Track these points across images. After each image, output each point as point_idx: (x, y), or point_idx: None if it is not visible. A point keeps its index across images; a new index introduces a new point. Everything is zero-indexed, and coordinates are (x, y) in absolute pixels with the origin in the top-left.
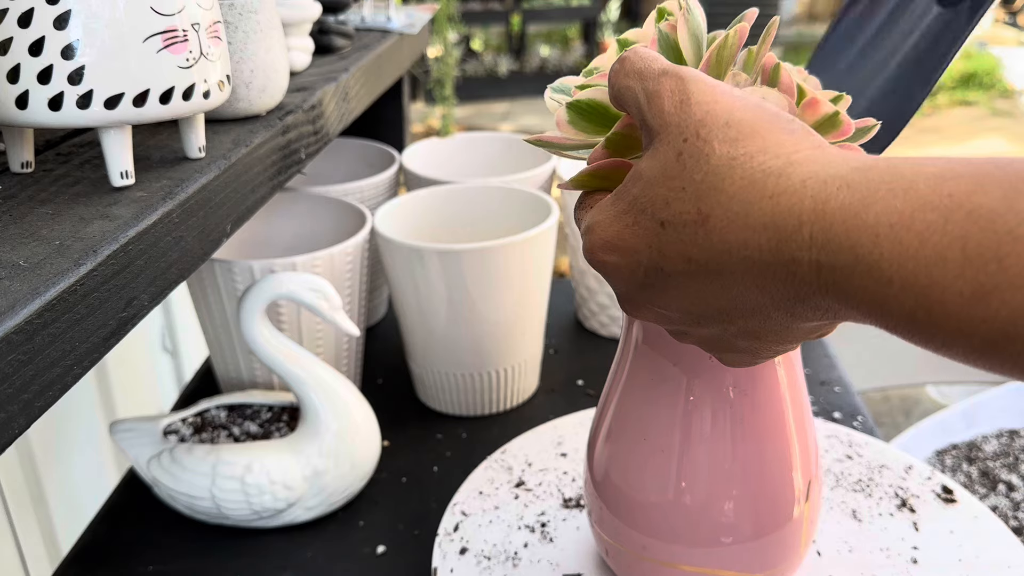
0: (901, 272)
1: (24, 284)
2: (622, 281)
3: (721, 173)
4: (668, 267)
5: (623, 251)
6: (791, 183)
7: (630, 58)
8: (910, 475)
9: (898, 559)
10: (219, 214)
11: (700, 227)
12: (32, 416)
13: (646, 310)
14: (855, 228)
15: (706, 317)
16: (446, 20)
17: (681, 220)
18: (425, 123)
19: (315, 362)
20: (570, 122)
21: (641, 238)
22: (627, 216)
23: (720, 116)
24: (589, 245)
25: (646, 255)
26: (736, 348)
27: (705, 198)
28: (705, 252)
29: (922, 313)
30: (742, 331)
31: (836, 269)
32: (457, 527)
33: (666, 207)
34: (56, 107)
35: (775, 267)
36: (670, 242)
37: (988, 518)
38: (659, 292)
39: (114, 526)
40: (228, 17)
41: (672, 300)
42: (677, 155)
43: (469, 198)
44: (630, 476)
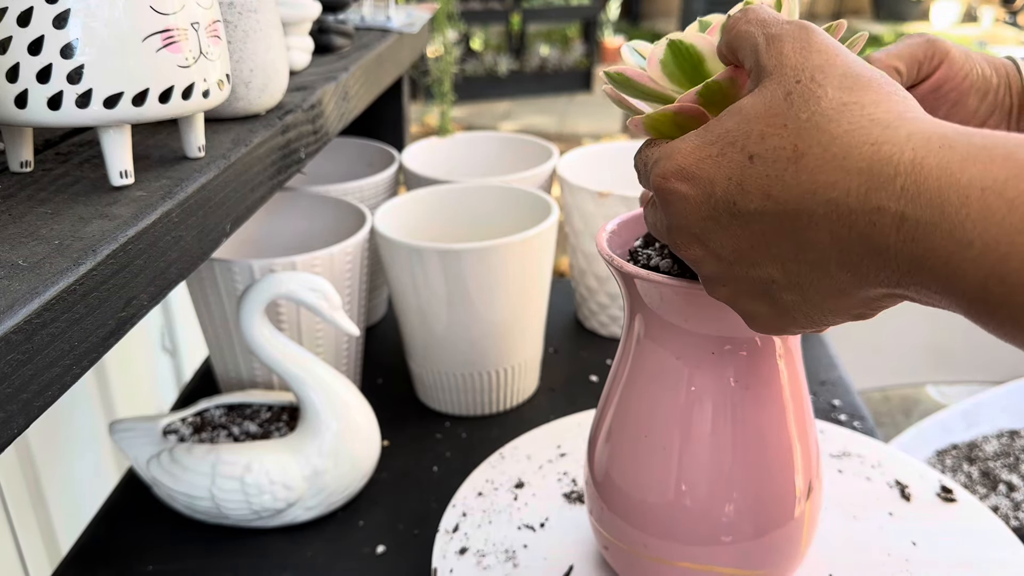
0: (984, 236)
1: (23, 283)
2: (685, 212)
3: (829, 115)
4: (743, 202)
5: (698, 180)
6: (896, 135)
7: (753, 8)
8: (910, 475)
9: (898, 559)
10: (219, 214)
11: (792, 163)
12: (31, 416)
13: (696, 247)
14: (948, 186)
15: (760, 262)
16: (446, 19)
17: (774, 155)
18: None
19: (315, 362)
20: (662, 62)
21: (723, 169)
22: (712, 147)
23: (838, 66)
24: (662, 170)
25: (722, 187)
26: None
27: (805, 136)
28: (789, 190)
29: (995, 281)
30: (792, 283)
31: (919, 224)
32: (457, 527)
33: (761, 141)
34: (55, 106)
35: (857, 214)
36: (754, 176)
37: (988, 518)
38: (721, 228)
39: (114, 526)
40: (228, 16)
41: (731, 239)
42: (786, 94)
43: (469, 198)
44: (631, 474)
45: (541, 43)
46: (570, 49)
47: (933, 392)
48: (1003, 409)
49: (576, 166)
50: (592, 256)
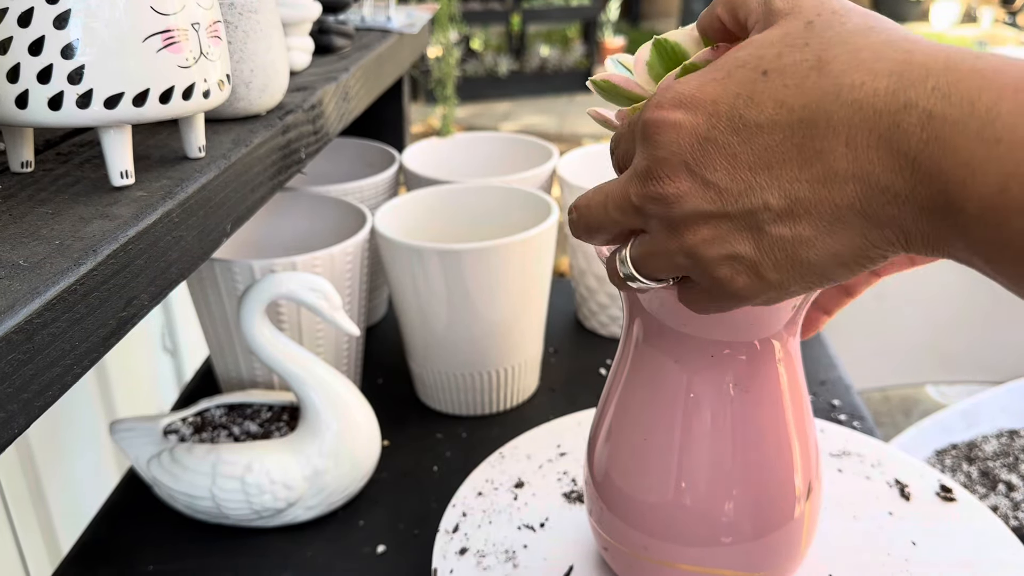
0: (1013, 134)
1: (24, 283)
2: (676, 140)
3: (858, 31)
4: (751, 114)
5: (698, 103)
6: (928, 47)
7: None
8: (910, 475)
9: (897, 559)
10: (219, 214)
11: (815, 71)
12: (32, 415)
13: (682, 177)
14: (981, 86)
15: (756, 186)
16: (447, 20)
17: (792, 68)
18: (425, 123)
19: (315, 362)
20: (648, 63)
21: (730, 87)
22: (718, 72)
23: (856, 7)
24: (657, 101)
25: (728, 103)
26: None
27: (831, 47)
28: (808, 95)
29: (1016, 182)
30: (787, 210)
31: (947, 122)
32: (457, 527)
33: (777, 59)
34: (56, 107)
35: (882, 115)
36: (768, 88)
37: (988, 518)
38: (719, 149)
39: (114, 526)
40: (228, 16)
41: (728, 160)
42: (807, 23)
43: (469, 198)
44: (630, 475)
45: (541, 43)
46: (570, 49)
47: (933, 392)
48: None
49: (576, 166)
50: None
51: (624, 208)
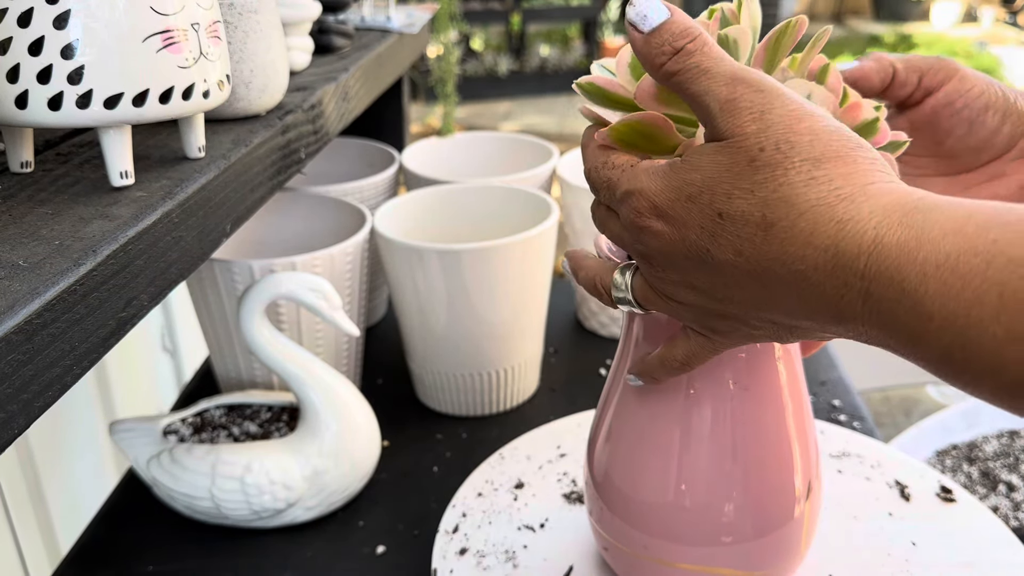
0: (943, 311)
1: (24, 284)
2: (661, 247)
3: (797, 189)
4: (715, 252)
5: (673, 221)
6: (860, 212)
7: (692, 51)
8: (909, 475)
9: (897, 559)
10: (219, 214)
11: (761, 230)
12: (32, 416)
13: (673, 273)
14: (906, 264)
15: (733, 299)
16: (447, 19)
17: (743, 218)
18: (425, 122)
19: (315, 362)
20: (630, 65)
21: (695, 218)
22: (680, 192)
23: (803, 135)
24: (636, 206)
25: (696, 233)
26: (742, 325)
27: (774, 207)
28: (759, 253)
29: (957, 351)
30: (761, 318)
31: (883, 300)
32: (457, 528)
33: (727, 200)
34: (56, 107)
35: (824, 287)
36: (725, 233)
37: (988, 518)
38: (696, 267)
39: (114, 526)
40: (228, 17)
41: (706, 276)
42: (750, 161)
43: (469, 198)
44: (630, 475)
45: (541, 43)
46: (570, 49)
47: (933, 392)
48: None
49: (576, 166)
50: None
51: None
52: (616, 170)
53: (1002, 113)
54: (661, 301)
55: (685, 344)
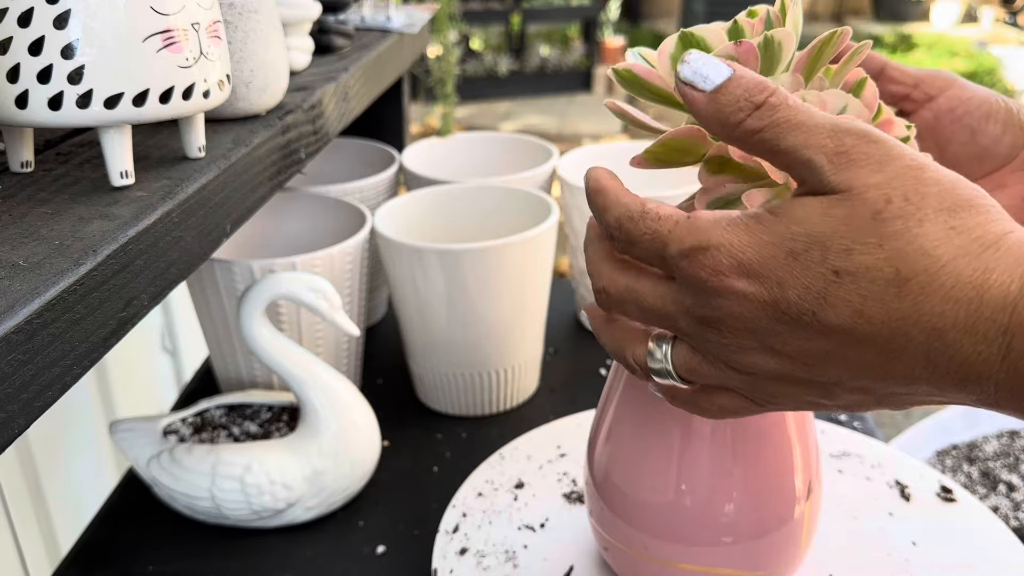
0: None
1: (24, 284)
2: (742, 311)
3: (936, 239)
4: (826, 316)
5: (764, 279)
6: (1004, 262)
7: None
8: (910, 475)
9: (897, 559)
10: (219, 214)
11: (894, 287)
12: (32, 416)
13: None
14: None
15: (831, 367)
16: (447, 19)
17: (868, 275)
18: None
19: (315, 362)
20: (672, 56)
21: (797, 275)
22: (778, 248)
23: (930, 184)
24: (713, 264)
25: (798, 293)
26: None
27: (910, 260)
28: (888, 313)
29: None
30: (859, 387)
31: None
32: (457, 528)
33: (846, 256)
34: (56, 107)
35: (961, 344)
36: (843, 292)
37: (988, 518)
38: (790, 331)
39: (114, 526)
40: (228, 16)
41: (801, 342)
42: (875, 214)
43: (469, 198)
44: (630, 476)
45: (541, 43)
46: (570, 49)
47: None
48: None
49: (576, 166)
50: None
51: (669, 327)
52: (665, 222)
53: (1003, 123)
54: (717, 371)
55: (729, 402)
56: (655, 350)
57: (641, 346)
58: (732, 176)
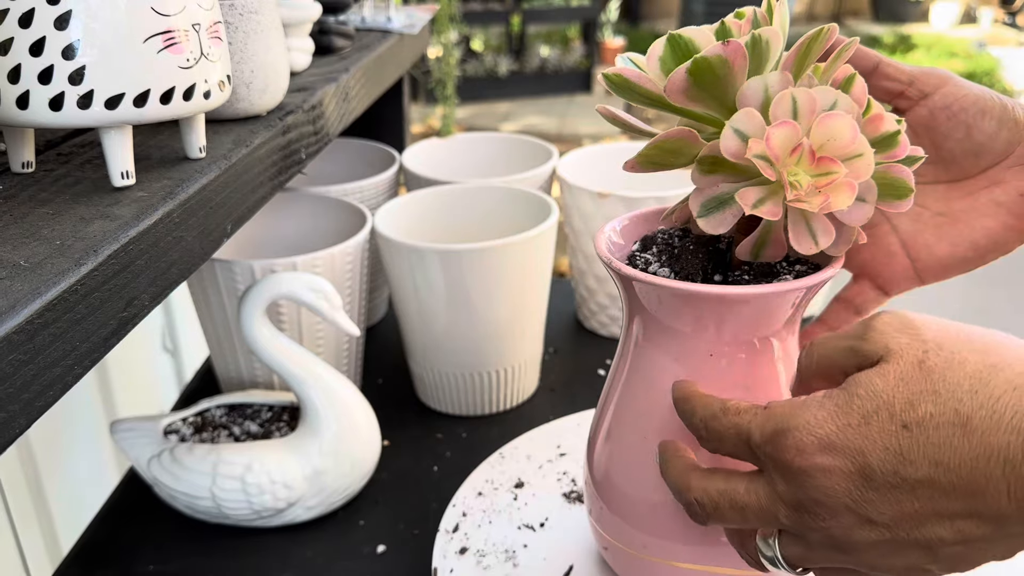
0: None
1: (25, 284)
2: (831, 486)
3: (984, 378)
4: (908, 471)
5: (845, 451)
6: None
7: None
8: None
9: None
10: (219, 214)
11: (959, 428)
12: (33, 416)
13: (847, 516)
14: None
15: (927, 523)
16: (447, 20)
17: (933, 422)
18: (425, 123)
19: (315, 362)
20: (661, 58)
21: (873, 439)
22: (849, 416)
23: (953, 333)
24: (796, 444)
25: (879, 457)
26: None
27: (966, 400)
28: (961, 456)
29: None
30: (960, 539)
31: None
32: (457, 527)
33: (911, 409)
34: (57, 107)
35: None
36: (916, 445)
37: None
38: (881, 497)
39: (114, 526)
40: (228, 17)
41: (893, 505)
42: (919, 364)
43: (469, 198)
44: (630, 475)
45: (541, 44)
46: (570, 50)
47: None
48: None
49: (576, 167)
50: (591, 257)
51: (770, 522)
52: (745, 414)
53: (998, 119)
54: (825, 554)
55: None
56: (762, 546)
57: (751, 540)
58: (725, 175)
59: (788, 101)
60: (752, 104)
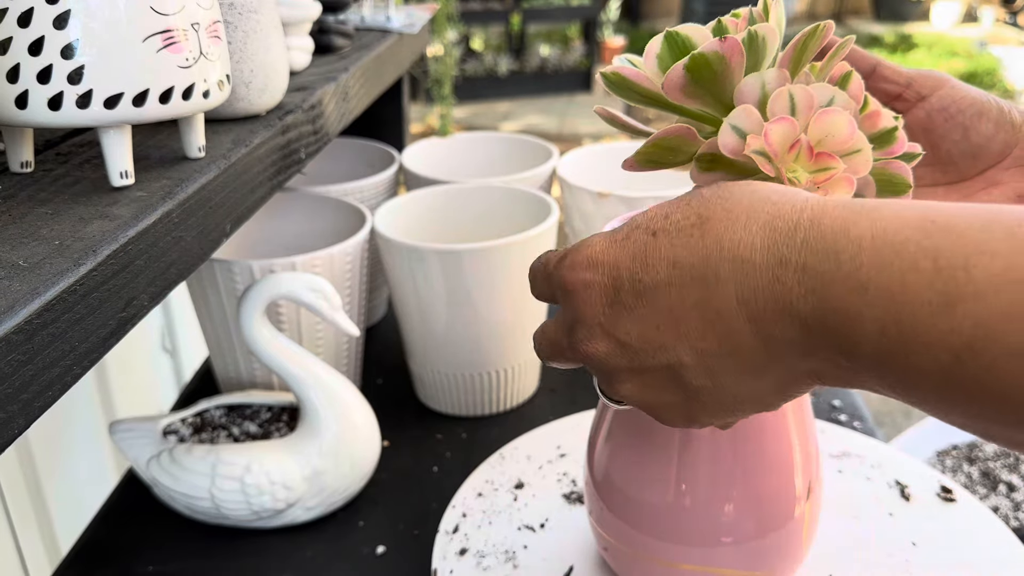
0: (876, 280)
1: (24, 284)
2: (589, 301)
3: (734, 190)
4: (648, 276)
5: (602, 265)
6: (795, 199)
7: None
8: (910, 475)
9: (898, 559)
10: (219, 214)
11: (697, 228)
12: (32, 416)
13: (600, 339)
14: (842, 238)
15: (668, 345)
16: (446, 19)
17: (676, 226)
18: (425, 123)
19: (315, 362)
20: (659, 56)
21: (626, 250)
22: (618, 233)
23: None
24: (570, 261)
25: (627, 267)
26: (683, 391)
27: (710, 205)
28: (695, 253)
29: (892, 325)
30: (702, 366)
31: (818, 274)
32: (457, 528)
33: (664, 219)
34: (56, 107)
35: (762, 270)
36: (657, 248)
37: (988, 518)
38: (627, 311)
39: (114, 526)
40: (228, 17)
41: (638, 322)
42: (696, 188)
43: (469, 198)
44: (631, 476)
45: (541, 43)
46: (570, 49)
47: None
48: None
49: (576, 166)
50: None
51: (561, 350)
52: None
53: (995, 122)
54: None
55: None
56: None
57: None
58: (723, 172)
59: (786, 98)
60: (749, 101)
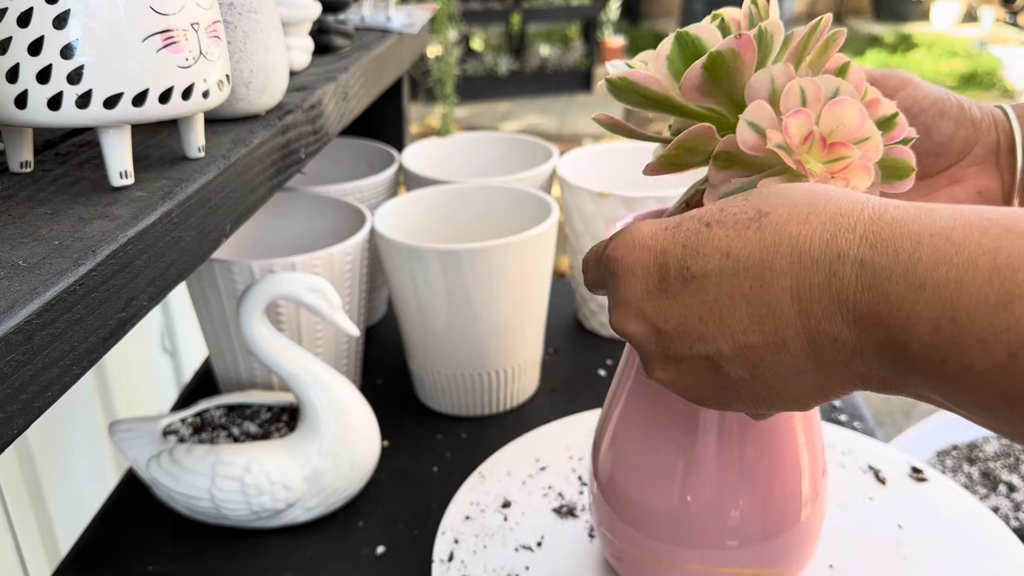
0: (934, 275)
1: (23, 284)
2: (631, 284)
3: (795, 190)
4: (697, 265)
5: (650, 250)
6: (855, 199)
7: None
8: (881, 459)
9: (887, 543)
10: (218, 214)
11: (755, 222)
12: (31, 416)
13: (638, 322)
14: (901, 234)
15: (708, 336)
16: (446, 19)
17: (733, 219)
18: (424, 123)
19: (315, 362)
20: (669, 57)
21: (677, 238)
22: (668, 222)
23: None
24: (616, 242)
25: (675, 254)
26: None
27: (769, 201)
28: (751, 245)
29: (947, 321)
30: (741, 358)
31: (877, 270)
32: (452, 556)
33: (719, 211)
34: (55, 107)
35: (820, 264)
36: (711, 239)
37: (961, 495)
38: (669, 299)
39: (113, 526)
40: (228, 16)
41: (679, 310)
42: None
43: (469, 198)
44: (639, 480)
45: (541, 43)
46: (570, 49)
47: None
48: None
49: (576, 166)
50: None
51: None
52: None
53: (956, 120)
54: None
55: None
56: None
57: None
58: (738, 170)
59: (797, 91)
60: (760, 96)
